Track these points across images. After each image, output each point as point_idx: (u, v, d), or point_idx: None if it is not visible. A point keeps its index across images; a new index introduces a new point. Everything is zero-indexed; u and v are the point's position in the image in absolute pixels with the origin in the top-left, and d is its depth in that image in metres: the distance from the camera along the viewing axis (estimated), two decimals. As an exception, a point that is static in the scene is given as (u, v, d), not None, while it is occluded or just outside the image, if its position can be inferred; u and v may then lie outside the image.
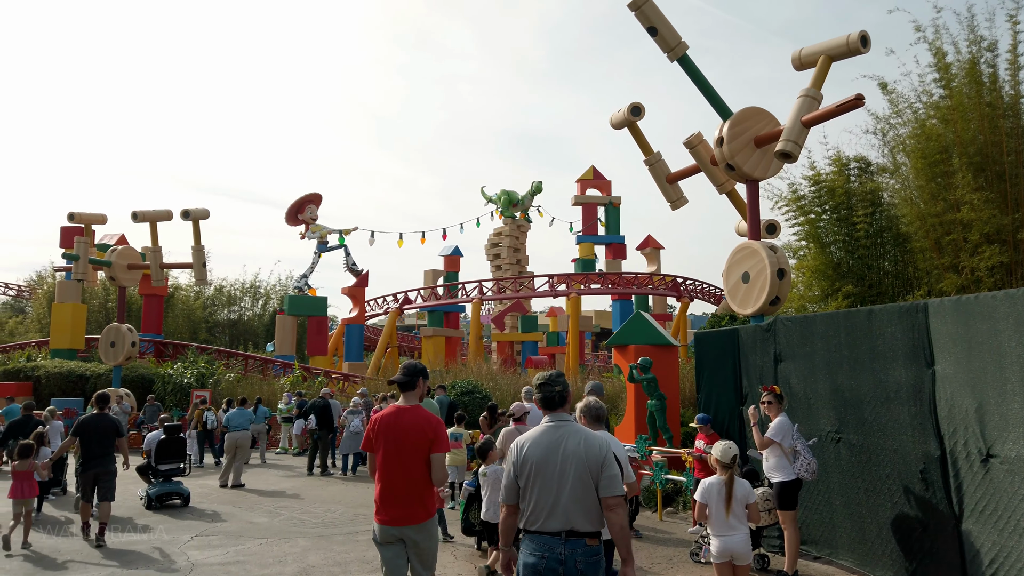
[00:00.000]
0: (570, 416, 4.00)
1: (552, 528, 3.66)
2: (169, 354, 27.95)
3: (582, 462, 3.70)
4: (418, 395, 4.78)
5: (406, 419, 4.61)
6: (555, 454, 3.75)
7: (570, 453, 3.73)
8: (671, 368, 12.25)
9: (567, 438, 3.79)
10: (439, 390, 13.69)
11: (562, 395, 3.98)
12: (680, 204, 13.61)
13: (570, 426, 3.89)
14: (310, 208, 31.95)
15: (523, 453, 3.82)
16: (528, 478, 3.77)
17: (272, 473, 14.75)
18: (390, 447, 4.55)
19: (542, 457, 3.76)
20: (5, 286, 50.38)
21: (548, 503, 3.69)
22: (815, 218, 17.67)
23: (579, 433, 3.83)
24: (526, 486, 3.77)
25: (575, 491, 3.68)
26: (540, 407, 4.02)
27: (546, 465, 3.73)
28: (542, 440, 3.82)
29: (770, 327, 7.84)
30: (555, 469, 3.72)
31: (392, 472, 4.53)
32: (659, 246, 36.93)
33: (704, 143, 12.56)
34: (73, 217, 21.24)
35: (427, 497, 4.62)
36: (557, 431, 3.84)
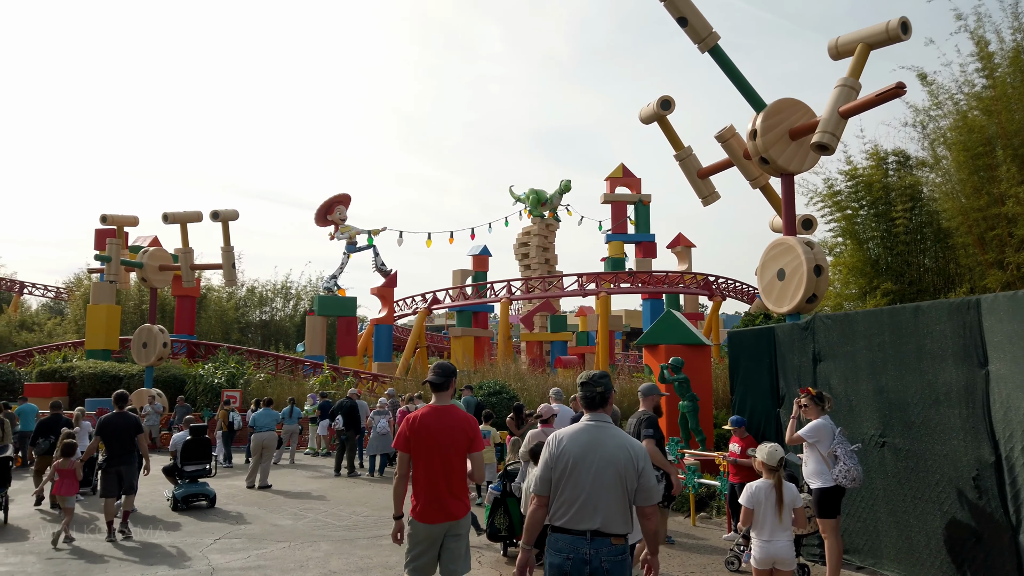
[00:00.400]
0: (609, 418, 3.97)
1: (579, 527, 3.67)
2: (201, 355, 28.19)
3: (619, 467, 3.71)
4: (451, 395, 4.90)
5: (446, 420, 4.70)
6: (593, 453, 3.74)
7: (608, 455, 3.73)
8: (703, 368, 11.91)
9: (607, 440, 3.79)
10: (465, 391, 13.51)
11: (603, 396, 3.96)
12: (712, 199, 13.27)
13: (611, 428, 3.88)
14: (339, 209, 32.01)
15: (561, 447, 3.82)
16: (563, 473, 3.76)
17: (300, 474, 14.69)
18: (431, 447, 4.63)
19: (580, 454, 3.75)
20: (44, 288, 51.37)
21: (578, 501, 3.69)
22: (852, 214, 17.26)
23: (619, 437, 3.83)
24: (559, 480, 3.76)
25: (608, 493, 3.68)
26: (581, 406, 4.02)
27: (582, 462, 3.73)
28: (581, 437, 3.82)
29: (808, 325, 7.49)
30: (591, 468, 3.72)
31: (433, 471, 4.62)
32: (690, 244, 36.39)
33: (737, 136, 12.21)
34: (106, 219, 21.46)
35: (463, 495, 4.74)
36: (598, 431, 3.84)
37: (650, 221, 35.17)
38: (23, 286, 50.71)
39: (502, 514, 7.84)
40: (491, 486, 8.27)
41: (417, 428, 4.70)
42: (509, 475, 8.06)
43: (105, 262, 20.73)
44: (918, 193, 15.76)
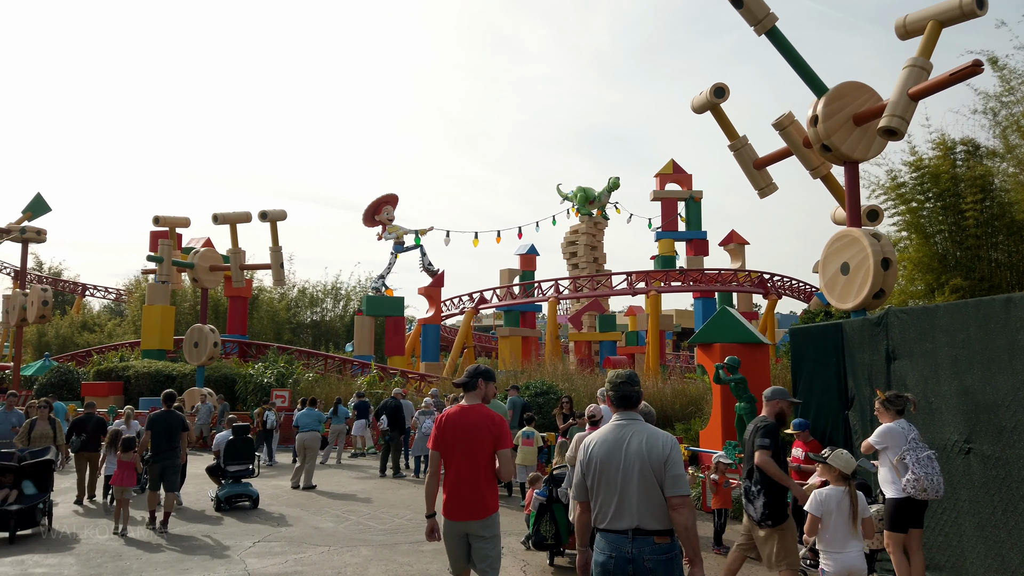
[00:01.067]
0: (638, 416, 3.93)
1: (619, 526, 3.65)
2: (252, 354, 28.48)
3: (644, 460, 3.68)
4: (480, 395, 4.94)
5: (471, 417, 4.78)
6: (619, 452, 3.74)
7: (633, 451, 3.71)
8: (761, 368, 11.31)
9: (631, 436, 3.77)
10: (511, 391, 13.14)
11: (632, 395, 3.95)
12: (769, 191, 12.65)
13: (636, 424, 3.85)
14: (386, 209, 32.02)
15: (589, 451, 3.85)
16: (594, 476, 3.79)
17: (345, 475, 14.53)
18: (457, 445, 4.73)
19: (606, 455, 3.77)
20: (105, 290, 52.90)
21: (613, 501, 3.69)
22: (917, 207, 16.51)
23: (643, 431, 3.80)
24: (593, 484, 3.80)
25: (639, 489, 3.65)
26: (614, 406, 3.98)
27: (609, 463, 3.74)
28: (607, 438, 3.83)
29: (881, 320, 6.90)
30: (618, 467, 3.72)
31: (459, 469, 4.71)
32: (743, 241, 35.40)
33: (796, 123, 11.59)
34: (158, 220, 21.78)
35: (490, 493, 4.77)
36: (623, 429, 3.83)
37: (702, 218, 34.33)
38: (85, 288, 52.31)
39: (548, 521, 7.45)
40: (537, 491, 7.88)
41: (444, 426, 4.82)
42: (555, 480, 7.66)
43: (157, 263, 21.02)
44: (989, 184, 14.94)
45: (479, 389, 4.92)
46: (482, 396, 4.92)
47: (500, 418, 4.88)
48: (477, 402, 4.90)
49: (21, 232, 23.46)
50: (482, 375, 4.95)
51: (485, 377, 4.95)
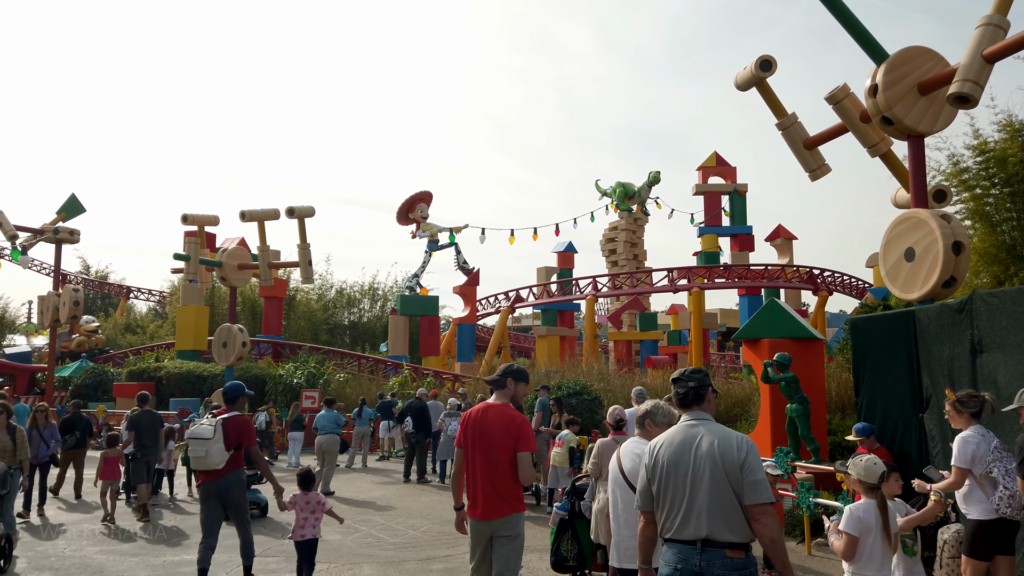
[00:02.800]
0: (708, 415, 3.61)
1: (686, 536, 3.36)
2: (286, 355, 28.15)
3: (717, 464, 3.34)
4: (508, 395, 4.90)
5: (491, 415, 4.73)
6: (688, 454, 3.43)
7: (704, 454, 3.39)
8: (815, 365, 10.27)
9: (702, 437, 3.46)
10: (541, 391, 12.28)
11: (697, 392, 3.61)
12: (821, 173, 11.57)
13: (707, 425, 3.54)
14: (420, 207, 31.44)
15: (656, 454, 3.56)
16: (660, 481, 3.50)
17: (367, 479, 13.86)
18: (477, 443, 4.68)
19: (674, 458, 3.47)
20: (148, 292, 53.56)
21: (680, 508, 3.40)
22: (982, 193, 15.50)
23: (715, 432, 3.47)
24: (660, 490, 3.50)
25: (710, 496, 3.32)
26: (675, 406, 3.77)
27: (677, 466, 3.44)
28: (675, 439, 3.54)
29: (964, 306, 5.87)
30: (687, 471, 3.40)
31: (479, 467, 4.66)
32: (791, 236, 33.89)
33: (851, 96, 10.48)
34: (187, 219, 21.46)
35: (510, 493, 4.67)
36: (692, 429, 3.53)
37: (746, 212, 32.96)
38: (129, 290, 53.04)
39: (569, 539, 6.59)
40: (556, 505, 7.03)
41: (467, 424, 4.80)
42: (578, 492, 6.80)
43: (184, 261, 20.66)
44: (1062, 168, 13.84)
45: (508, 388, 4.87)
46: (510, 396, 4.88)
47: (523, 418, 4.81)
48: (504, 401, 4.85)
49: (54, 233, 23.41)
50: (512, 374, 4.90)
51: (516, 377, 4.90)
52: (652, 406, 4.48)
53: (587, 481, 7.06)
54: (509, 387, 4.87)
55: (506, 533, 4.62)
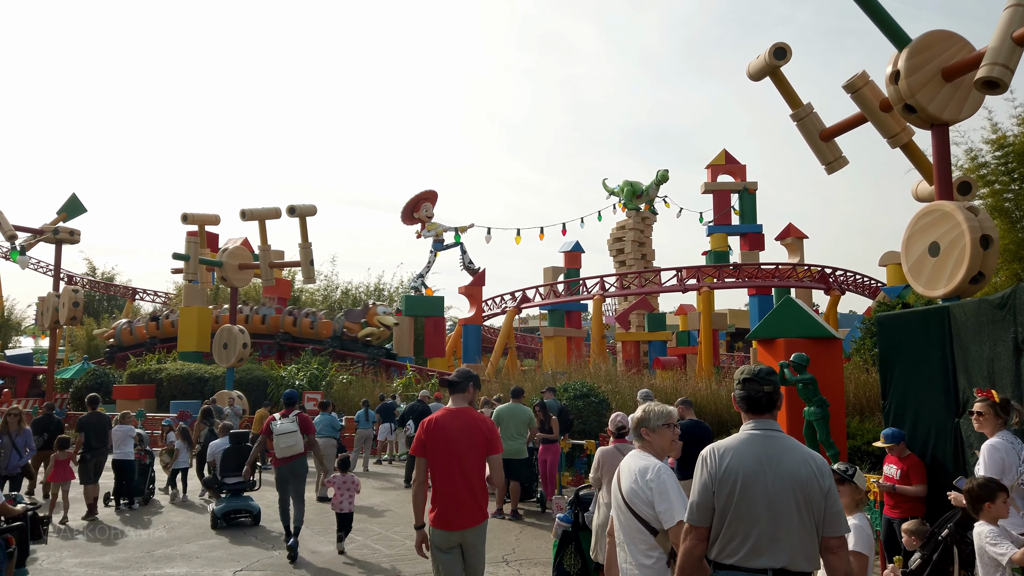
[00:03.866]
0: (779, 426, 3.18)
1: (757, 564, 2.96)
2: (290, 356, 27.80)
3: (802, 488, 2.97)
4: (467, 399, 4.82)
5: (461, 421, 4.60)
6: (767, 472, 3.00)
7: (787, 473, 2.99)
8: (832, 366, 9.79)
9: (784, 454, 3.05)
10: (547, 393, 11.83)
11: (771, 397, 3.17)
12: (838, 166, 11.11)
13: (783, 439, 3.12)
14: (425, 206, 31.08)
15: (725, 464, 3.06)
16: (730, 496, 3.01)
17: (369, 484, 13.42)
18: (448, 450, 4.53)
19: (750, 474, 3.01)
20: (155, 294, 53.35)
21: (754, 533, 2.95)
22: (1001, 188, 15.13)
23: (797, 450, 3.09)
24: (726, 507, 3.02)
25: (790, 522, 2.94)
26: (742, 409, 3.24)
27: (755, 484, 2.99)
28: (749, 451, 3.07)
29: (1007, 302, 5.39)
30: (764, 491, 2.98)
31: (452, 475, 4.52)
32: (802, 235, 33.30)
33: (871, 84, 10.02)
34: (187, 218, 21.14)
35: (483, 499, 4.67)
36: (770, 443, 3.09)
37: (756, 211, 32.41)
38: (135, 292, 52.85)
39: (572, 553, 6.17)
40: (559, 516, 6.62)
41: (432, 431, 4.60)
42: (581, 502, 6.37)
43: (184, 261, 20.32)
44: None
45: (468, 393, 4.80)
46: (468, 400, 4.82)
47: (491, 421, 4.86)
48: (465, 405, 4.78)
49: (54, 233, 23.14)
50: (474, 380, 4.86)
51: (477, 384, 4.88)
52: (643, 413, 3.90)
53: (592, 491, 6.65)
54: (469, 392, 4.83)
55: (478, 541, 4.57)
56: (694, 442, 7.30)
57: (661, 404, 3.95)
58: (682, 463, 7.24)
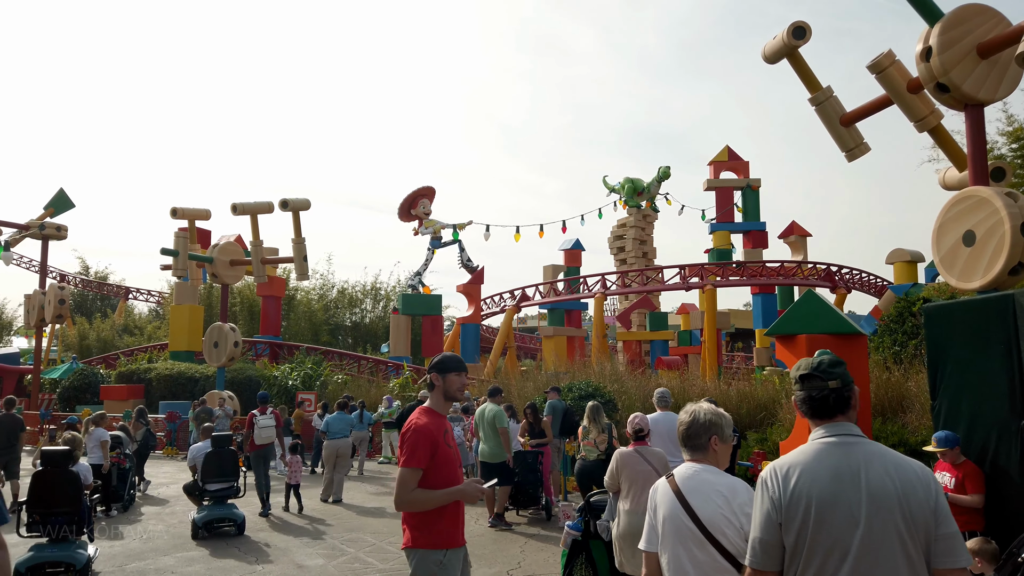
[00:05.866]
0: (858, 429, 2.43)
1: None
2: (284, 356, 27.16)
3: (900, 507, 2.21)
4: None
5: (447, 425, 3.93)
6: (849, 490, 2.28)
7: (877, 489, 2.25)
8: (858, 364, 9.15)
9: (867, 465, 2.30)
10: (552, 393, 11.22)
11: (841, 395, 2.43)
12: (859, 152, 10.49)
13: (869, 445, 2.38)
14: (423, 203, 30.43)
15: (792, 485, 2.34)
16: (804, 529, 2.28)
17: (364, 488, 12.81)
18: (453, 459, 3.82)
19: (830, 495, 2.28)
20: (148, 293, 52.69)
21: (841, 569, 2.22)
22: (1018, 183, 14.57)
23: (887, 457, 2.33)
24: (798, 543, 2.29)
25: (893, 555, 2.19)
26: (805, 415, 2.54)
27: (835, 508, 2.26)
28: (823, 466, 2.34)
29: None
30: (851, 516, 2.25)
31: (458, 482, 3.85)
32: (805, 233, 32.74)
33: (897, 64, 9.41)
34: (176, 213, 20.46)
35: None
36: (849, 452, 2.35)
37: (760, 208, 31.83)
38: (128, 291, 52.19)
39: (583, 564, 5.59)
40: (568, 524, 6.03)
41: (436, 438, 3.75)
42: (592, 509, 5.79)
43: (172, 256, 19.65)
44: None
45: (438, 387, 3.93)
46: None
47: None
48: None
49: (41, 229, 22.46)
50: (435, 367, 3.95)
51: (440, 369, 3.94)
52: (714, 417, 3.03)
53: (603, 497, 6.07)
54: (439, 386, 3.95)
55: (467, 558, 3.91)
56: (723, 449, 6.69)
57: (720, 409, 3.20)
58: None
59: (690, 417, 3.05)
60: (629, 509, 5.30)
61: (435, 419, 3.79)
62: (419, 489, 3.60)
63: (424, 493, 3.60)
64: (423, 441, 3.63)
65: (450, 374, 3.88)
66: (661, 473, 5.44)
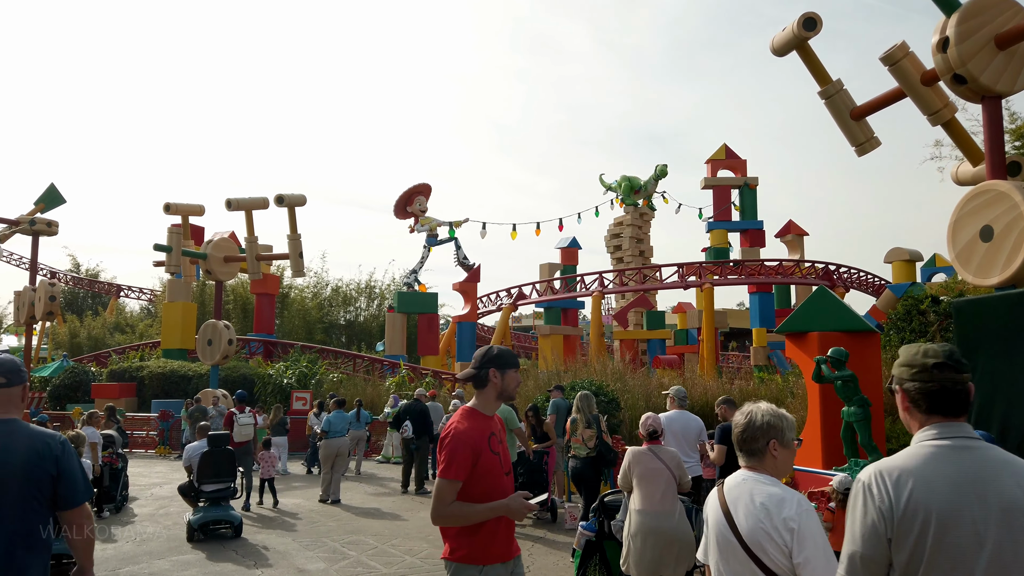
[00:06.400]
0: (974, 431, 2.13)
1: None
2: (278, 354, 26.84)
3: None
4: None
5: (495, 426, 3.44)
6: (975, 503, 1.97)
7: (1009, 503, 1.94)
8: (870, 362, 8.98)
9: (999, 473, 2.00)
10: (555, 392, 11.01)
11: (967, 392, 2.12)
12: (870, 147, 10.30)
13: (992, 451, 2.07)
14: (419, 200, 30.15)
15: (906, 495, 2.03)
16: (921, 546, 1.98)
17: (363, 489, 12.56)
18: (498, 467, 3.35)
19: (952, 507, 1.98)
20: (140, 291, 52.23)
21: None
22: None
23: (1016, 465, 2.02)
24: (913, 562, 1.99)
25: None
26: (919, 409, 2.16)
27: (960, 523, 1.96)
28: (939, 474, 2.03)
29: None
30: (978, 533, 1.95)
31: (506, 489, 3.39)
32: (802, 232, 32.65)
33: (911, 56, 9.23)
34: (169, 208, 20.15)
35: None
36: (970, 458, 2.05)
37: (757, 206, 31.70)
38: (120, 289, 51.71)
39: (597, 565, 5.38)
40: (582, 525, 5.83)
41: (481, 444, 3.30)
42: (607, 509, 5.58)
43: (165, 252, 19.32)
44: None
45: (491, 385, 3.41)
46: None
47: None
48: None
49: (31, 224, 22.06)
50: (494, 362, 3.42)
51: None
52: (773, 418, 2.68)
53: (618, 497, 5.88)
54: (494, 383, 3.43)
55: (522, 572, 3.49)
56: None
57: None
58: (726, 472, 6.40)
59: (746, 419, 2.73)
60: (640, 508, 5.10)
61: (479, 422, 3.35)
62: (458, 503, 3.22)
63: (463, 507, 3.21)
64: (462, 449, 3.22)
65: (511, 370, 3.43)
66: (674, 472, 5.23)
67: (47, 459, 2.93)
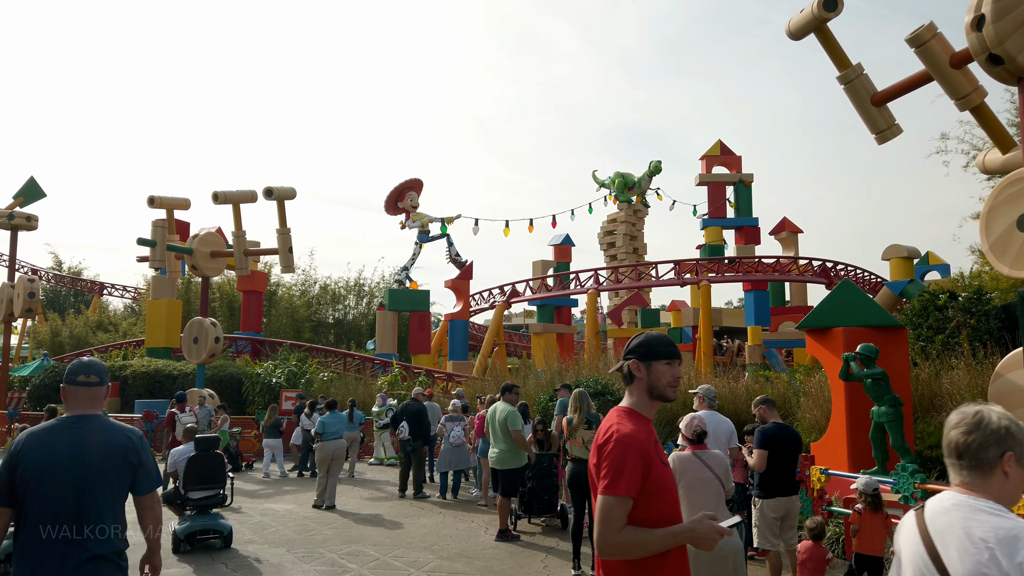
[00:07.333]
0: None
1: None
2: (266, 353, 26.17)
3: None
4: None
5: (655, 433, 2.74)
6: None
7: None
8: (898, 359, 8.57)
9: None
10: (563, 391, 10.50)
11: None
12: (891, 134, 9.90)
13: None
14: (410, 195, 29.55)
15: None
16: None
17: (358, 493, 12.00)
18: (671, 481, 2.73)
19: None
20: (123, 289, 51.27)
21: None
22: None
23: None
24: None
25: None
26: None
27: None
28: None
29: None
30: None
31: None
32: (797, 230, 32.36)
33: (939, 37, 8.80)
34: (153, 202, 19.48)
35: None
36: None
37: (752, 203, 31.35)
38: (103, 287, 50.75)
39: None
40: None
41: (662, 458, 2.68)
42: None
43: (149, 247, 18.64)
44: None
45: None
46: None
47: None
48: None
49: (9, 218, 21.30)
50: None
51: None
52: (1012, 424, 2.07)
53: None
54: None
55: None
56: (783, 453, 5.98)
57: None
58: (767, 479, 5.91)
59: (974, 418, 2.09)
60: None
61: (643, 425, 2.65)
62: (631, 528, 2.50)
63: (639, 533, 2.49)
64: (632, 458, 2.51)
65: (658, 362, 2.70)
66: (723, 480, 4.71)
67: (130, 450, 3.34)
